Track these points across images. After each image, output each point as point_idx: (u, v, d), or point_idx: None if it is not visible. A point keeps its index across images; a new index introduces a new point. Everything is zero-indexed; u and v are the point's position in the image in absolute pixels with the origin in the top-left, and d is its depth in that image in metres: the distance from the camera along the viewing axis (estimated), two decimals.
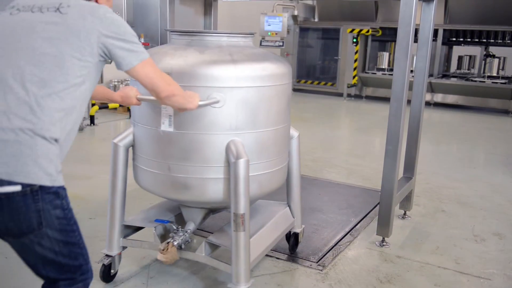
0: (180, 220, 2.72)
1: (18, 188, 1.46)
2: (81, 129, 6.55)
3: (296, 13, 11.55)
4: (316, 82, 11.60)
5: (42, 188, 1.51)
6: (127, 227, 2.70)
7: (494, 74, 9.76)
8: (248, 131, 2.33)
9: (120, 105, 7.60)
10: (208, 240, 2.49)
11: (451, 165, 5.59)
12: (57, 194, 1.57)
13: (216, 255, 2.53)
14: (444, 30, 10.03)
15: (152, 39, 3.95)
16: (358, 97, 11.07)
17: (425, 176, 4.96)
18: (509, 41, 9.91)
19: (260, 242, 2.56)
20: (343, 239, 3.38)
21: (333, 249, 3.22)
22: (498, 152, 6.38)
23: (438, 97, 10.15)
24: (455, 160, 5.88)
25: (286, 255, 3.08)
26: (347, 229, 3.54)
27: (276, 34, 10.53)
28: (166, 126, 2.29)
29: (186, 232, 2.54)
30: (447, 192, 4.55)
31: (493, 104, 9.68)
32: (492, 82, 9.47)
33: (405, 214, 3.84)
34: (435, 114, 9.44)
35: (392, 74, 3.08)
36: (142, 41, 3.93)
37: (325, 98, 11.00)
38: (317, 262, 3.01)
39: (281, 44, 8.77)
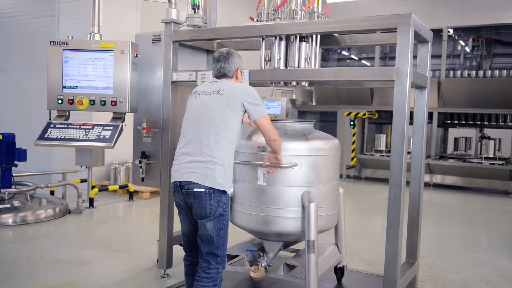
0: (262, 252, 3.66)
1: (203, 189, 2.82)
2: (79, 211, 6.51)
3: (294, 97, 11.93)
4: None
5: (214, 191, 2.83)
6: None
7: (491, 155, 9.89)
8: (315, 185, 3.34)
9: (119, 188, 7.62)
10: (286, 262, 3.45)
11: (455, 248, 5.49)
12: (222, 194, 2.87)
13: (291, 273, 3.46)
14: (439, 113, 10.30)
15: (154, 124, 4.05)
16: (357, 178, 11.12)
17: (428, 260, 4.85)
18: (503, 123, 10.15)
19: (321, 265, 3.41)
20: None
21: None
22: (501, 235, 6.29)
23: (437, 178, 10.19)
24: (458, 243, 5.79)
25: None
26: None
27: (275, 117, 10.79)
28: (261, 181, 3.32)
29: (269, 258, 3.47)
30: (452, 277, 4.43)
31: (492, 185, 9.70)
32: (490, 164, 9.56)
33: None
34: (435, 195, 9.42)
35: (390, 156, 3.13)
36: (145, 126, 4.03)
37: None
38: None
39: None
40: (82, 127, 4.05)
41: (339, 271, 4.02)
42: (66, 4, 8.57)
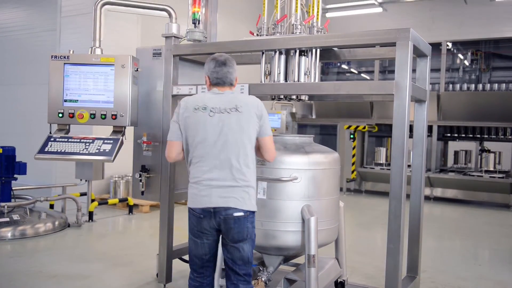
0: (261, 266, 3.63)
1: (242, 213, 2.76)
2: (79, 225, 6.49)
3: (294, 110, 11.95)
4: None
5: (250, 213, 2.80)
6: (224, 269, 3.47)
7: (491, 168, 9.88)
8: (315, 199, 3.34)
9: (119, 201, 7.60)
10: (286, 276, 3.41)
11: (456, 262, 5.46)
12: (253, 215, 2.85)
13: None
14: (439, 126, 10.32)
15: (154, 138, 4.05)
16: (357, 191, 11.09)
17: (429, 275, 4.82)
18: (502, 137, 10.16)
19: (322, 279, 3.40)
20: None
21: None
22: (502, 248, 6.26)
23: (438, 192, 10.17)
24: (460, 257, 5.75)
25: None
26: None
27: (275, 130, 10.81)
28: (261, 195, 3.29)
29: (269, 272, 3.45)
30: None
31: (492, 198, 9.67)
32: (490, 177, 9.54)
33: None
34: (436, 208, 9.39)
35: (390, 169, 3.13)
36: (145, 140, 4.03)
37: None
38: None
39: None
40: (82, 140, 4.06)
41: (340, 286, 3.98)
42: (67, 18, 8.64)
